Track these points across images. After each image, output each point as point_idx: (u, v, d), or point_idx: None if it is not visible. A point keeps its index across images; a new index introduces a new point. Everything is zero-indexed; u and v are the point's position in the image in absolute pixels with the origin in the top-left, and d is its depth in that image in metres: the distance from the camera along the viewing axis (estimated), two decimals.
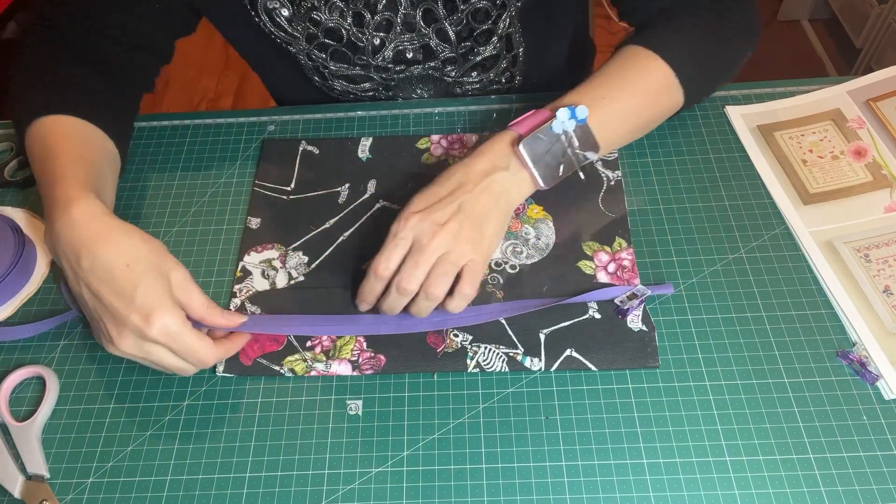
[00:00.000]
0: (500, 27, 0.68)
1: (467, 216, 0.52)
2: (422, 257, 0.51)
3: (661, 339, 0.55)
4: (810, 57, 1.94)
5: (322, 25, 0.65)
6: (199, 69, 2.07)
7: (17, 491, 0.50)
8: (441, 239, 0.51)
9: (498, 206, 0.54)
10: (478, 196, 0.53)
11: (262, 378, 0.55)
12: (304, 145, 0.70)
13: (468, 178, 0.54)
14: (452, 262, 0.52)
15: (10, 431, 0.53)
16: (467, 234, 0.52)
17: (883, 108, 0.67)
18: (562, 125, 0.54)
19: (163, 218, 0.65)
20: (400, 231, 0.52)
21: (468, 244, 0.52)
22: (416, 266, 0.51)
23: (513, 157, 0.55)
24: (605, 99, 0.57)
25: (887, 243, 0.58)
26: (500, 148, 0.55)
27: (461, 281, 0.52)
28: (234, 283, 0.60)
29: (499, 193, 0.54)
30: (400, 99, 0.75)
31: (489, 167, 0.54)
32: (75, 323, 0.58)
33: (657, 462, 0.49)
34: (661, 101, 0.61)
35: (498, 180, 0.54)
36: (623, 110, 0.59)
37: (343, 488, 0.49)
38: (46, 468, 0.51)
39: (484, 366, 0.54)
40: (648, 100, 0.60)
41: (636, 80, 0.59)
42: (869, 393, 0.51)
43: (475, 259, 0.52)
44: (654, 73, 0.60)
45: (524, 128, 0.56)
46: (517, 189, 0.56)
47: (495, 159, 0.55)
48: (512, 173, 0.55)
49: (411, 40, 0.68)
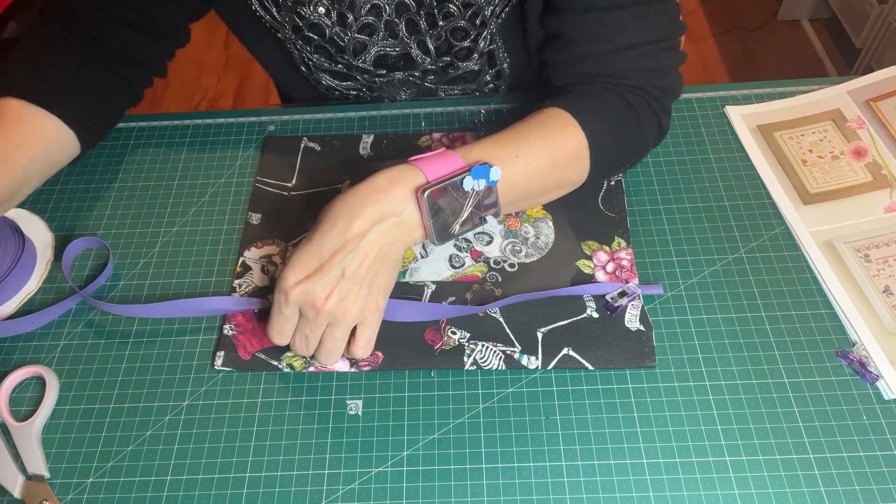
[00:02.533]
0: (481, 45, 0.67)
1: (352, 281, 0.48)
2: (310, 332, 0.50)
3: (660, 338, 0.55)
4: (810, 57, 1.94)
5: (307, 20, 0.65)
6: (199, 69, 2.08)
7: (17, 491, 0.50)
8: (326, 311, 0.48)
9: (385, 260, 0.50)
10: (363, 257, 0.48)
11: (261, 378, 0.55)
12: (305, 142, 0.70)
13: (351, 230, 0.48)
14: (343, 327, 0.50)
15: (9, 431, 0.53)
16: (353, 298, 0.49)
17: (883, 108, 0.67)
18: (472, 183, 0.50)
19: (163, 218, 0.65)
20: (283, 306, 0.49)
21: (356, 305, 0.49)
22: (306, 340, 0.50)
23: (410, 203, 0.50)
24: (518, 158, 0.53)
25: (887, 243, 0.58)
26: (399, 192, 0.49)
27: (355, 339, 0.51)
28: (234, 278, 0.60)
29: (387, 246, 0.50)
30: (385, 100, 0.75)
31: (379, 214, 0.49)
32: (76, 322, 0.58)
33: (657, 462, 0.49)
34: (568, 171, 0.56)
35: (386, 231, 0.49)
36: (533, 173, 0.54)
37: (343, 488, 0.49)
38: (46, 468, 0.51)
39: (481, 363, 0.54)
40: (557, 166, 0.55)
41: (551, 142, 0.54)
42: (869, 393, 0.51)
43: (366, 316, 0.50)
44: (570, 140, 0.55)
45: (431, 172, 0.50)
46: (406, 239, 0.51)
47: (389, 204, 0.49)
48: (402, 221, 0.50)
49: (394, 46, 0.67)
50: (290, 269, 0.49)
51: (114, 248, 0.63)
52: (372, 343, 0.52)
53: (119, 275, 0.61)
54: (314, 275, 0.48)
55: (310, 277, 0.48)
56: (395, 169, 0.51)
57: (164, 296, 0.60)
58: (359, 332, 0.51)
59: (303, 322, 0.50)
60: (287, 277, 0.49)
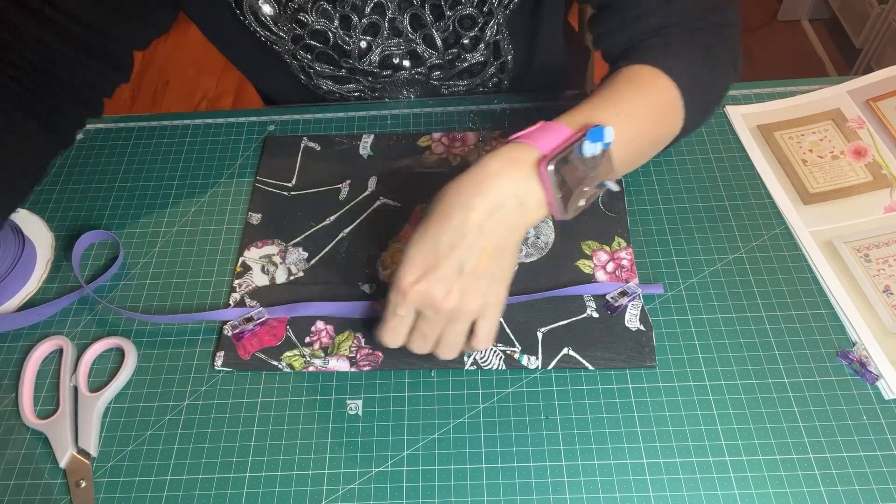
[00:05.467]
0: (488, 34, 0.67)
1: (472, 276, 0.46)
2: (430, 331, 0.48)
3: (660, 338, 0.55)
4: (810, 57, 1.94)
5: (308, 27, 0.65)
6: (199, 69, 2.07)
7: (63, 461, 0.51)
8: (447, 310, 0.46)
9: (505, 250, 0.47)
10: (482, 250, 0.45)
11: (261, 378, 0.55)
12: (305, 142, 0.70)
13: (468, 223, 0.45)
14: (464, 323, 0.48)
15: (78, 399, 0.53)
16: (474, 294, 0.46)
17: (883, 108, 0.67)
18: (591, 148, 0.46)
19: (163, 217, 0.65)
20: (399, 308, 0.47)
21: (476, 301, 0.46)
22: (425, 338, 0.49)
23: (531, 181, 0.46)
24: (621, 116, 0.50)
25: (887, 243, 0.58)
26: (518, 171, 0.46)
27: (476, 332, 0.49)
28: (234, 278, 0.60)
29: (507, 233, 0.46)
30: (387, 100, 0.75)
31: (496, 200, 0.45)
32: (76, 322, 0.58)
33: (657, 462, 0.49)
34: (667, 123, 0.55)
35: (504, 218, 0.46)
36: (638, 129, 0.52)
37: (343, 488, 0.49)
38: (96, 447, 0.52)
39: (481, 363, 0.54)
40: (658, 118, 0.54)
41: (647, 95, 0.53)
42: (869, 393, 0.51)
43: (487, 310, 0.48)
44: (663, 90, 0.53)
45: (543, 145, 0.46)
46: (527, 221, 0.47)
47: (507, 186, 0.46)
48: (522, 203, 0.46)
49: (398, 45, 0.67)
50: (406, 268, 0.46)
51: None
52: (493, 334, 0.49)
53: (119, 274, 0.61)
54: (432, 273, 0.45)
55: (427, 276, 0.45)
56: (504, 149, 0.47)
57: (165, 295, 0.60)
58: (479, 324, 0.48)
59: (422, 321, 0.48)
60: (404, 277, 0.46)
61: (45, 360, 0.57)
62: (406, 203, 0.64)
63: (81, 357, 0.55)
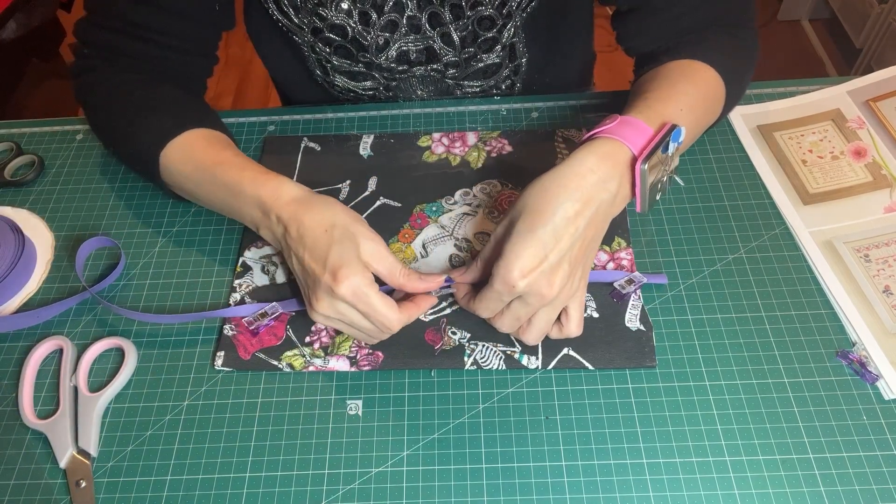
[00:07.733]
0: (505, 36, 0.68)
1: (573, 266, 0.49)
2: (525, 315, 0.50)
3: (660, 338, 0.55)
4: (810, 57, 1.94)
5: (328, 21, 0.66)
6: None
7: (63, 461, 0.51)
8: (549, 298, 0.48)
9: (596, 240, 0.51)
10: (582, 240, 0.49)
11: (262, 378, 0.55)
12: (305, 142, 0.70)
13: (573, 217, 0.48)
14: (558, 309, 0.50)
15: (77, 399, 0.53)
16: (571, 282, 0.49)
17: (883, 108, 0.67)
18: (672, 146, 0.50)
19: (163, 218, 0.65)
20: (505, 295, 0.48)
21: (571, 288, 0.50)
22: (517, 321, 0.51)
23: (623, 177, 0.50)
24: (682, 111, 0.54)
25: (887, 243, 0.58)
26: (612, 167, 0.49)
27: (569, 318, 0.51)
28: (234, 278, 0.60)
29: (601, 225, 0.50)
30: (400, 99, 0.75)
31: (594, 194, 0.49)
32: (76, 322, 0.58)
33: (657, 462, 0.49)
34: (713, 112, 0.59)
35: (600, 210, 0.49)
36: (695, 122, 0.56)
37: (343, 488, 0.49)
38: (96, 447, 0.52)
39: (481, 363, 0.54)
40: (708, 109, 0.58)
41: (698, 88, 0.57)
42: (869, 393, 0.51)
43: (578, 295, 0.51)
44: (710, 82, 0.58)
45: (632, 143, 0.50)
46: (613, 213, 0.52)
47: (603, 182, 0.49)
48: (615, 196, 0.50)
49: (415, 41, 0.68)
50: (515, 262, 0.47)
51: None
52: (579, 328, 0.52)
53: (120, 275, 0.61)
54: (540, 265, 0.47)
55: (535, 268, 0.47)
56: (595, 144, 0.50)
57: (165, 295, 0.60)
58: (572, 310, 0.51)
59: (519, 305, 0.49)
60: (513, 270, 0.47)
61: (45, 360, 0.57)
62: (406, 203, 0.64)
63: (81, 357, 0.55)
